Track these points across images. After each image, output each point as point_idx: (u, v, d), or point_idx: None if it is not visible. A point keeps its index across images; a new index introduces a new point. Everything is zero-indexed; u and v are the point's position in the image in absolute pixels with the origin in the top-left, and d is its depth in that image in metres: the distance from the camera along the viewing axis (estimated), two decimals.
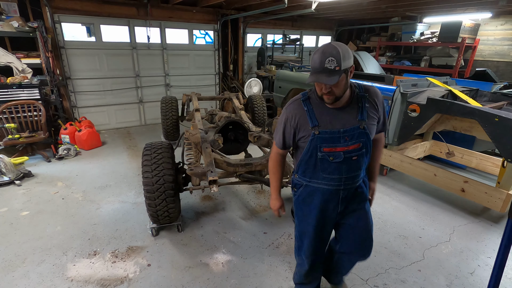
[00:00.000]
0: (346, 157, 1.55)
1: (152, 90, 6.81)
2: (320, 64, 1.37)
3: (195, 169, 2.52)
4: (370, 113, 1.57)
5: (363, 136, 1.54)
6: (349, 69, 1.43)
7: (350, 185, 1.63)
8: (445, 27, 6.53)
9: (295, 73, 5.79)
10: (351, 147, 1.54)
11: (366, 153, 1.60)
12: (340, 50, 1.36)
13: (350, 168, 1.58)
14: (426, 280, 2.42)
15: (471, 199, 3.35)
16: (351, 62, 1.42)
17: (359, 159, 1.58)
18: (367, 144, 1.58)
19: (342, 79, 1.41)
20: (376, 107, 1.59)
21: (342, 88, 1.45)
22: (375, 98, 1.59)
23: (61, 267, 2.47)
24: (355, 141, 1.54)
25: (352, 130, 1.53)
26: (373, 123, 1.59)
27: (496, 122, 2.79)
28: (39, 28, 4.56)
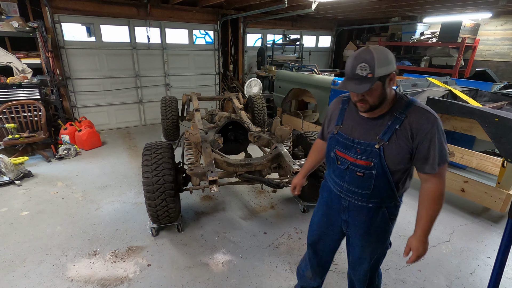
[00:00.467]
0: (351, 169, 1.48)
1: (152, 90, 6.81)
2: (351, 70, 1.28)
3: (195, 169, 2.52)
4: (397, 138, 1.34)
5: (376, 157, 1.38)
6: (387, 77, 1.29)
7: (352, 199, 1.54)
8: (445, 27, 6.53)
9: (295, 73, 5.79)
10: (358, 161, 1.44)
11: (380, 176, 1.41)
12: (375, 55, 1.24)
13: (352, 181, 1.50)
14: (426, 280, 2.42)
15: (471, 199, 3.35)
16: (389, 69, 1.27)
17: (367, 179, 1.44)
18: (382, 167, 1.39)
19: (377, 88, 1.28)
20: (411, 136, 1.32)
21: (377, 98, 1.32)
22: (413, 126, 1.31)
23: (61, 267, 2.47)
24: (365, 157, 1.42)
25: (366, 145, 1.41)
26: (397, 150, 1.35)
27: (496, 122, 2.79)
28: (39, 28, 4.56)
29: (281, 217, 3.27)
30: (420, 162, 1.35)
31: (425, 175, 1.37)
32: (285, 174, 2.89)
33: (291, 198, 3.65)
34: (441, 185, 1.36)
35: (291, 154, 3.08)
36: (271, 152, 2.90)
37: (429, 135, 1.30)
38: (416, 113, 1.32)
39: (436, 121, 1.30)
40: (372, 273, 1.74)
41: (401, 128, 1.33)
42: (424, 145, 1.31)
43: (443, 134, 1.33)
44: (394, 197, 1.47)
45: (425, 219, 1.40)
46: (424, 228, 1.41)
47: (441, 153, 1.32)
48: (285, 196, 3.72)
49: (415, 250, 1.44)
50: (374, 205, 1.50)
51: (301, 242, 2.86)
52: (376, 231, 1.56)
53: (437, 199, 1.37)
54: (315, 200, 3.23)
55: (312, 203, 3.40)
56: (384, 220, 1.53)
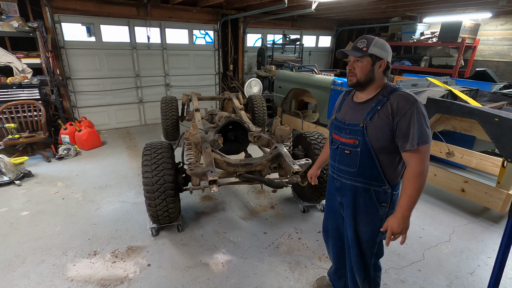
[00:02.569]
0: (340, 148, 1.65)
1: (152, 90, 6.81)
2: (354, 44, 1.55)
3: (195, 169, 2.52)
4: (379, 117, 1.48)
5: (360, 135, 1.54)
6: (377, 59, 1.49)
7: (342, 178, 1.69)
8: (445, 27, 6.53)
9: (295, 73, 5.79)
10: (347, 140, 1.60)
11: (365, 154, 1.54)
12: (376, 38, 1.50)
13: (341, 160, 1.66)
14: (426, 280, 2.42)
15: (471, 199, 3.35)
16: (382, 54, 1.49)
17: (353, 156, 1.59)
18: (365, 144, 1.52)
19: (366, 63, 1.50)
20: (391, 114, 1.46)
21: (363, 72, 1.51)
22: (395, 105, 1.45)
23: (61, 267, 2.47)
24: (352, 136, 1.57)
25: (353, 125, 1.57)
26: (378, 128, 1.48)
27: (496, 122, 2.79)
28: (39, 28, 4.56)
29: (281, 217, 3.27)
30: (401, 140, 1.44)
31: (406, 154, 1.46)
32: (285, 174, 2.88)
33: (291, 198, 3.65)
34: (421, 163, 1.43)
35: (291, 154, 3.08)
36: (271, 152, 2.90)
37: (408, 114, 1.41)
38: (397, 96, 1.47)
39: (416, 103, 1.42)
40: (366, 261, 1.74)
41: (383, 108, 1.48)
42: (403, 123, 1.42)
43: (424, 116, 1.43)
44: (381, 180, 1.56)
45: (403, 197, 1.47)
46: (401, 205, 1.47)
47: (421, 133, 1.41)
48: (285, 196, 3.72)
49: (389, 226, 1.50)
50: (362, 184, 1.61)
51: (301, 242, 2.86)
52: (365, 211, 1.64)
53: (417, 177, 1.43)
54: (315, 200, 3.25)
55: (312, 203, 3.40)
56: (372, 203, 1.61)
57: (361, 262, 1.74)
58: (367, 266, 1.76)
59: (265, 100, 5.71)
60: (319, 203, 3.39)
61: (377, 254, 1.74)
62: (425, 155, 1.44)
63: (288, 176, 2.69)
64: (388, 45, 1.53)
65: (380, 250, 1.74)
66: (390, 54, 1.53)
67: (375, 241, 1.69)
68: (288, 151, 2.99)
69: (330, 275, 2.21)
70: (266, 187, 3.84)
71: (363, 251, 1.72)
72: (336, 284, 2.15)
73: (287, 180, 2.81)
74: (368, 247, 1.71)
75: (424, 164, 1.44)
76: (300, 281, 2.38)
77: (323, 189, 3.04)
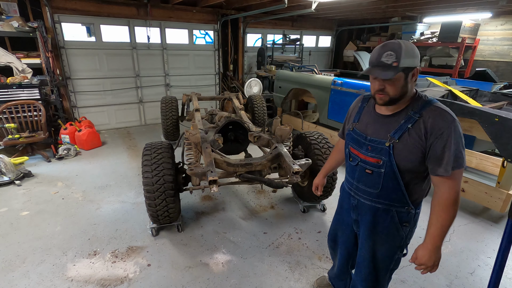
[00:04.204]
0: (360, 166, 1.49)
1: (152, 90, 6.81)
2: (377, 57, 1.28)
3: (195, 169, 2.52)
4: (410, 137, 1.31)
5: (386, 155, 1.36)
6: (411, 70, 1.28)
7: (361, 198, 1.54)
8: (445, 27, 6.53)
9: (295, 73, 5.79)
10: (369, 159, 1.44)
11: (389, 176, 1.38)
12: (403, 45, 1.25)
13: (361, 179, 1.51)
14: (426, 280, 2.42)
15: (471, 199, 3.35)
16: (415, 63, 1.27)
17: (375, 177, 1.43)
18: (391, 166, 1.36)
19: (399, 78, 1.28)
20: (424, 135, 1.28)
21: (398, 89, 1.30)
22: (429, 123, 1.27)
23: (61, 267, 2.47)
24: (375, 155, 1.40)
25: (377, 142, 1.40)
26: (409, 150, 1.32)
27: (496, 122, 2.79)
28: (39, 28, 4.56)
29: (281, 217, 3.27)
30: (433, 163, 1.29)
31: (438, 178, 1.30)
32: (285, 174, 2.88)
33: (291, 198, 3.65)
34: (455, 191, 1.28)
35: (291, 154, 3.08)
36: (271, 152, 2.90)
37: (444, 135, 1.24)
38: (432, 112, 1.28)
39: (454, 122, 1.25)
40: (380, 277, 1.65)
41: (414, 127, 1.30)
42: (438, 144, 1.25)
43: (460, 137, 1.26)
44: (405, 201, 1.42)
45: (435, 226, 1.33)
46: (433, 235, 1.33)
47: (457, 156, 1.25)
48: (285, 196, 3.72)
49: (419, 257, 1.37)
50: (383, 206, 1.47)
51: (301, 242, 2.86)
52: (384, 232, 1.52)
53: (450, 205, 1.29)
54: (315, 200, 3.25)
55: (312, 203, 3.40)
56: (393, 224, 1.48)
57: (374, 278, 1.65)
58: (381, 281, 1.67)
59: (265, 100, 5.71)
60: (319, 203, 3.39)
61: (392, 270, 1.65)
62: (459, 181, 1.29)
63: (288, 176, 2.69)
64: (415, 48, 1.29)
65: (396, 266, 1.65)
66: (419, 57, 1.31)
67: (392, 258, 1.58)
68: (288, 151, 2.99)
69: (331, 275, 2.20)
70: (266, 187, 3.84)
71: (378, 268, 1.62)
72: (337, 284, 2.14)
73: (287, 180, 2.81)
74: (384, 264, 1.61)
75: (458, 191, 1.29)
76: (300, 281, 2.38)
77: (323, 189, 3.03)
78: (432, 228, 1.34)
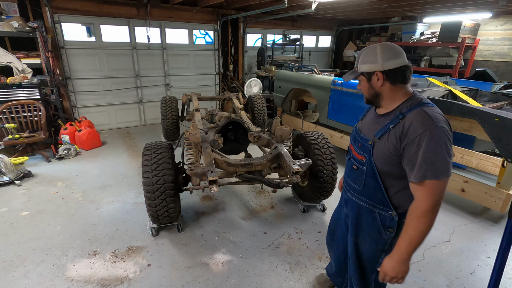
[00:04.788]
0: (351, 161, 1.56)
1: (152, 90, 6.81)
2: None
3: (195, 169, 2.52)
4: (389, 137, 1.30)
5: (368, 153, 1.39)
6: (370, 74, 1.34)
7: (348, 192, 1.61)
8: (445, 27, 6.53)
9: (295, 73, 5.79)
10: (356, 155, 1.49)
11: (369, 175, 1.40)
12: (363, 52, 1.36)
13: (349, 173, 1.59)
14: (426, 280, 2.42)
15: (471, 199, 3.35)
16: (373, 67, 1.31)
17: (359, 173, 1.46)
18: (371, 165, 1.38)
19: (362, 81, 1.41)
20: (399, 136, 1.26)
21: (365, 91, 1.42)
22: (407, 126, 1.23)
23: (61, 267, 2.47)
24: (362, 152, 1.44)
25: (365, 140, 1.43)
26: (388, 150, 1.31)
27: (496, 122, 2.79)
28: (39, 28, 4.56)
29: (281, 217, 3.27)
30: (407, 168, 1.25)
31: (411, 185, 1.26)
32: (285, 174, 2.88)
33: (291, 198, 3.65)
34: (427, 201, 1.20)
35: (291, 154, 3.08)
36: (271, 152, 2.90)
37: (418, 140, 1.18)
38: (415, 115, 1.24)
39: (434, 128, 1.17)
40: (366, 277, 1.65)
41: (395, 128, 1.28)
42: (411, 149, 1.21)
43: (440, 145, 1.16)
44: (387, 205, 1.40)
45: (403, 237, 1.27)
46: (400, 246, 1.28)
47: (432, 164, 1.16)
48: (285, 196, 3.72)
49: (383, 266, 1.34)
50: (365, 204, 1.49)
51: (301, 242, 2.86)
52: (367, 232, 1.53)
53: (420, 216, 1.22)
54: (315, 200, 3.25)
55: (312, 203, 3.40)
56: (375, 225, 1.47)
57: (360, 277, 1.65)
58: (367, 282, 1.66)
59: (265, 100, 5.71)
60: (319, 203, 3.39)
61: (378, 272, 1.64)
62: (435, 192, 1.19)
63: (288, 176, 2.69)
64: (381, 49, 1.30)
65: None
66: (386, 58, 1.28)
67: (377, 260, 1.56)
68: (288, 151, 2.99)
69: (329, 271, 2.22)
70: (266, 187, 3.84)
71: (363, 267, 1.63)
72: (336, 280, 2.15)
73: (287, 180, 2.81)
74: (369, 264, 1.61)
75: (431, 201, 1.19)
76: (300, 281, 2.38)
77: (323, 189, 3.04)
78: (401, 238, 1.29)
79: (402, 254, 1.28)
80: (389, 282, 1.35)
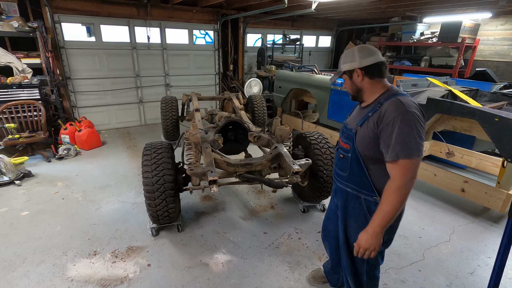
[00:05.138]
0: (339, 151, 1.68)
1: (152, 90, 6.81)
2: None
3: (195, 169, 2.52)
4: (368, 124, 1.45)
5: (352, 140, 1.54)
6: (351, 72, 1.52)
7: (337, 181, 1.72)
8: (445, 27, 6.53)
9: (295, 73, 5.79)
10: (343, 144, 1.63)
11: (354, 160, 1.53)
12: (344, 53, 1.55)
13: (338, 162, 1.69)
14: (426, 280, 2.42)
15: (471, 199, 3.35)
16: (352, 66, 1.49)
17: (345, 161, 1.59)
18: (356, 152, 1.51)
19: (345, 79, 1.58)
20: (377, 121, 1.40)
21: (349, 88, 1.59)
22: (383, 112, 1.39)
23: (61, 267, 2.47)
24: (347, 141, 1.58)
25: (349, 130, 1.58)
26: (367, 135, 1.45)
27: (496, 122, 2.79)
28: (39, 28, 4.56)
29: (281, 217, 3.27)
30: (384, 150, 1.39)
31: (387, 165, 1.39)
32: (285, 174, 2.88)
33: (291, 198, 3.65)
34: (401, 178, 1.32)
35: (291, 154, 3.08)
36: (271, 152, 2.90)
37: (392, 123, 1.33)
38: (390, 102, 1.39)
39: (406, 112, 1.32)
40: (357, 267, 1.71)
41: (373, 115, 1.44)
42: (386, 132, 1.35)
43: (412, 128, 1.30)
44: (371, 189, 1.51)
45: (377, 211, 1.40)
46: (374, 219, 1.40)
47: (404, 145, 1.30)
48: (285, 196, 3.72)
49: (358, 240, 1.46)
50: (351, 190, 1.60)
51: (301, 242, 2.86)
52: (354, 218, 1.62)
53: (393, 191, 1.34)
54: (315, 200, 3.25)
55: (312, 203, 3.40)
56: (361, 211, 1.57)
57: (351, 266, 1.73)
58: (359, 272, 1.73)
59: (265, 100, 5.71)
60: (319, 203, 3.39)
61: (368, 262, 1.68)
62: (407, 170, 1.31)
63: (288, 176, 2.69)
64: (358, 50, 1.48)
65: (376, 261, 1.69)
66: (363, 57, 1.46)
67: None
68: (288, 151, 2.99)
69: (326, 268, 2.26)
70: (266, 187, 3.84)
71: (355, 257, 1.67)
72: (331, 278, 2.20)
73: (287, 180, 2.81)
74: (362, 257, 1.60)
75: (404, 178, 1.31)
76: (300, 281, 2.38)
77: (323, 189, 3.04)
78: (375, 213, 1.41)
79: (376, 227, 1.39)
80: (363, 255, 1.45)
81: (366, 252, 1.44)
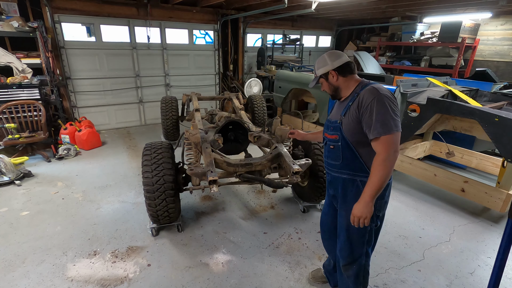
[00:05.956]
0: (328, 144, 1.79)
1: (152, 90, 6.81)
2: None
3: (195, 169, 2.52)
4: (350, 112, 1.62)
5: (338, 130, 1.67)
6: (327, 74, 1.72)
7: (331, 171, 1.81)
8: (445, 27, 6.53)
9: (295, 73, 5.79)
10: (330, 136, 1.75)
11: (345, 148, 1.67)
12: (317, 61, 1.76)
13: (328, 154, 1.80)
14: (426, 280, 2.42)
15: (471, 199, 3.35)
16: (326, 69, 1.70)
17: (336, 150, 1.72)
18: (345, 139, 1.66)
19: (322, 82, 1.78)
20: (357, 107, 1.58)
21: (328, 89, 1.78)
22: (361, 99, 1.58)
23: (61, 267, 2.47)
24: (334, 132, 1.72)
25: (334, 122, 1.72)
26: (352, 122, 1.61)
27: (496, 122, 2.79)
28: (39, 28, 4.56)
29: (281, 217, 3.27)
30: (367, 131, 1.55)
31: (372, 143, 1.55)
32: (285, 174, 2.88)
33: (291, 198, 3.65)
34: (385, 151, 1.49)
35: (291, 154, 3.08)
36: (271, 152, 2.90)
37: (369, 106, 1.52)
38: (366, 90, 1.58)
39: (378, 96, 1.51)
40: (356, 250, 1.78)
41: (353, 104, 1.61)
42: (366, 114, 1.53)
43: (386, 108, 1.49)
44: (365, 170, 1.65)
45: (368, 184, 1.55)
46: (365, 191, 1.56)
47: (383, 123, 1.48)
48: (285, 196, 3.72)
49: (353, 210, 1.61)
50: (347, 176, 1.71)
51: (301, 242, 2.86)
52: (352, 202, 1.68)
53: (380, 164, 1.50)
54: (315, 200, 3.25)
55: (312, 203, 3.40)
56: (359, 193, 1.65)
57: (349, 249, 1.79)
58: (358, 255, 1.80)
59: (265, 100, 5.71)
60: (319, 203, 3.39)
61: (368, 243, 1.78)
62: (389, 145, 1.49)
63: (288, 176, 2.69)
64: (328, 55, 1.70)
65: (370, 238, 1.78)
66: (333, 60, 1.67)
67: (365, 229, 1.73)
68: (288, 151, 2.99)
69: (326, 267, 2.27)
70: (266, 187, 3.84)
71: (352, 239, 1.77)
72: (331, 277, 2.21)
73: (287, 180, 2.81)
74: (359, 236, 1.75)
75: (388, 151, 1.49)
76: (300, 281, 2.38)
77: (323, 189, 3.04)
78: (366, 185, 1.57)
79: (366, 198, 1.55)
80: (358, 224, 1.60)
81: (360, 220, 1.58)
